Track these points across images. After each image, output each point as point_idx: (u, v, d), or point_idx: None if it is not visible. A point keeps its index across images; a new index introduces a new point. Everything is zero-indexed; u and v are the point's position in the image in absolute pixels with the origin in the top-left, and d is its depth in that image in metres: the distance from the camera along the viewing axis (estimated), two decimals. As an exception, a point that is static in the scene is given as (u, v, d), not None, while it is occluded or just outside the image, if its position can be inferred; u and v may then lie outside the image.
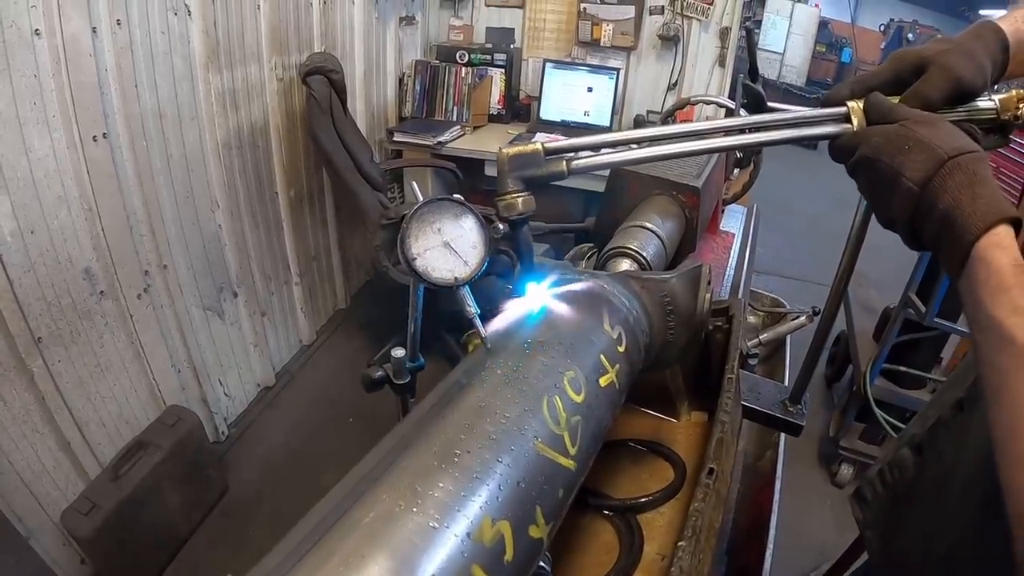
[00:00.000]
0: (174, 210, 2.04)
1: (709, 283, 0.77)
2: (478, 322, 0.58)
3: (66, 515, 1.71)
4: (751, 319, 2.23)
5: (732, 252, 1.75)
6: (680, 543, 0.58)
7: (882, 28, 10.90)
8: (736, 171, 1.88)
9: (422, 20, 3.76)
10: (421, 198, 0.58)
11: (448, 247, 0.55)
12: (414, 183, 0.75)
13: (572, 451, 0.50)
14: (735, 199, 1.85)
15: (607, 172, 1.19)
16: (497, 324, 0.63)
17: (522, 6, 3.86)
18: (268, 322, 2.70)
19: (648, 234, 0.97)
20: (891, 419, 2.39)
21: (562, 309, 0.66)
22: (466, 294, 0.57)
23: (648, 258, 0.92)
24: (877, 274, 3.17)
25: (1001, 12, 0.68)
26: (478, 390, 0.52)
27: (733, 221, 2.05)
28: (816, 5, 10.74)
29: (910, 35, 10.02)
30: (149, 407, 2.02)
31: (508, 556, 0.44)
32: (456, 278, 0.56)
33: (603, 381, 0.59)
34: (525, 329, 0.61)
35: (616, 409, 0.63)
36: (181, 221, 2.07)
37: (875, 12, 11.68)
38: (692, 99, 2.04)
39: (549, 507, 0.48)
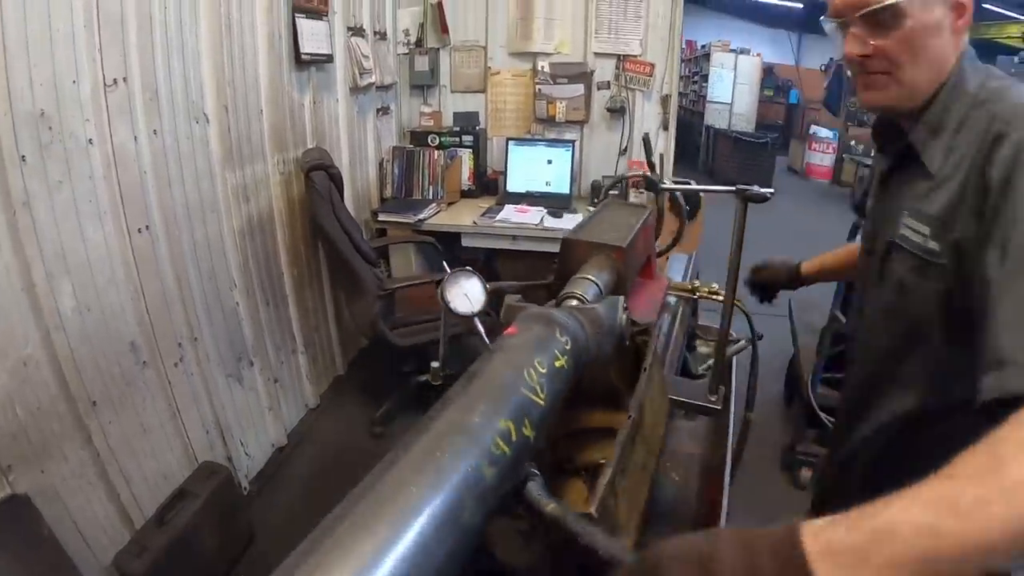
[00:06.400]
0: (200, 289, 2.32)
1: (625, 308, 1.13)
2: (479, 327, 0.92)
3: (119, 557, 1.90)
4: (703, 349, 2.57)
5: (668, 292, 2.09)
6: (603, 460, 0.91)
7: (822, 68, 11.23)
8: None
9: (396, 109, 4.14)
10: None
11: (466, 295, 0.92)
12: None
13: (542, 395, 0.84)
14: (669, 249, 2.21)
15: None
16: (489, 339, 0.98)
17: (484, 91, 4.24)
18: (280, 388, 2.92)
19: (589, 283, 1.32)
20: (835, 421, 2.71)
21: (529, 326, 1.01)
22: (476, 321, 0.92)
23: (589, 299, 1.27)
24: (820, 299, 3.39)
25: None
26: (483, 364, 0.85)
27: (679, 265, 2.44)
28: (758, 54, 11.20)
29: (848, 71, 10.47)
30: (183, 464, 2.24)
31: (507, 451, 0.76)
32: (471, 311, 0.92)
33: (558, 364, 0.93)
34: (508, 338, 0.96)
35: (569, 382, 0.96)
36: (206, 298, 2.35)
37: (819, 51, 11.95)
38: (627, 175, 2.54)
39: (533, 420, 0.81)
